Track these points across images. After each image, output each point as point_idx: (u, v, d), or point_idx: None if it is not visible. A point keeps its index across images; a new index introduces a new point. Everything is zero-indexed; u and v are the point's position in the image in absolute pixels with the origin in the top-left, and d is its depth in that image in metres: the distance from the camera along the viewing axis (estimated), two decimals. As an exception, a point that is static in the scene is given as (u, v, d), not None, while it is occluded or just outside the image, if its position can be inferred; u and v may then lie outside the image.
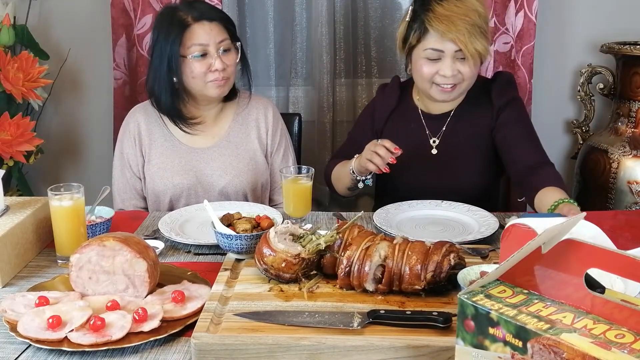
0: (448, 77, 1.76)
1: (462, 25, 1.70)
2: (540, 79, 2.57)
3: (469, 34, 1.70)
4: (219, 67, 1.80)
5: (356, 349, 1.01)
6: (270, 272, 1.24)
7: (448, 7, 1.72)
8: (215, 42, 1.80)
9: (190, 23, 1.79)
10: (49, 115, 2.71)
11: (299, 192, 1.62)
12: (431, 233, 1.61)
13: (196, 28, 1.79)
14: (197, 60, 1.80)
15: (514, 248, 0.81)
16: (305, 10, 2.67)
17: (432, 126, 1.91)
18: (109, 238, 1.23)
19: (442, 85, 1.79)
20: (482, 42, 1.73)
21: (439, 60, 1.76)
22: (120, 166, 1.96)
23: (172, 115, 1.88)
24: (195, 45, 1.79)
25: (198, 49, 1.79)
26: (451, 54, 1.74)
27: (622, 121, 2.43)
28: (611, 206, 2.37)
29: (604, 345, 0.70)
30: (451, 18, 1.70)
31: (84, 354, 1.08)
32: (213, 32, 1.80)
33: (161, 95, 1.85)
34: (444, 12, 1.71)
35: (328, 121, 2.65)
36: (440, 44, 1.74)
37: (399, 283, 1.19)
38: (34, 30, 2.52)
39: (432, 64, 1.77)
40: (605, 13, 2.57)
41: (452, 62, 1.75)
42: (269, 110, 2.01)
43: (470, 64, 1.75)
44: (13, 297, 1.22)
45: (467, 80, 1.79)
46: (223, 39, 1.82)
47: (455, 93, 1.82)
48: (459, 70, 1.76)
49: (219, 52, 1.80)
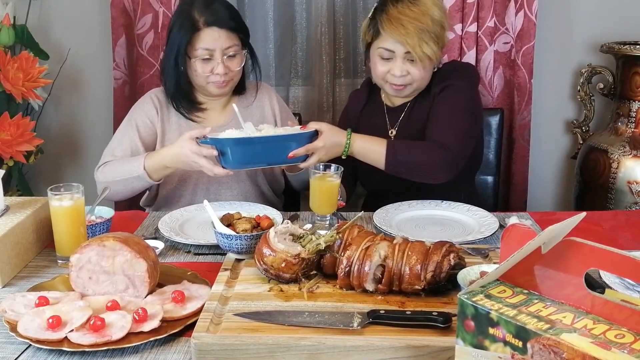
0: (397, 77, 1.81)
1: (412, 29, 1.74)
2: (540, 79, 2.57)
3: (418, 38, 1.74)
4: (221, 71, 1.82)
5: (356, 349, 1.01)
6: (270, 272, 1.24)
7: (402, 10, 1.76)
8: (221, 48, 1.81)
9: (201, 27, 1.80)
10: (49, 115, 2.71)
11: (326, 189, 1.62)
12: (431, 233, 1.61)
13: (206, 33, 1.80)
14: (201, 62, 1.82)
15: (514, 248, 0.81)
16: (305, 10, 2.67)
17: (391, 118, 1.96)
18: (109, 238, 1.23)
19: (392, 83, 1.84)
20: (432, 46, 1.76)
21: (391, 60, 1.81)
22: (124, 129, 1.94)
23: (175, 99, 1.92)
24: (201, 49, 1.81)
25: (204, 53, 1.81)
26: (401, 55, 1.79)
27: (622, 121, 2.43)
28: (611, 206, 2.37)
29: (604, 345, 0.70)
30: (402, 21, 1.75)
31: (84, 354, 1.08)
32: (221, 38, 1.81)
33: (168, 79, 1.89)
34: (397, 14, 1.76)
35: (328, 121, 2.64)
36: (391, 44, 1.79)
37: (399, 283, 1.19)
38: (34, 30, 2.52)
39: (385, 63, 1.82)
40: (605, 13, 2.57)
41: (402, 63, 1.80)
42: (272, 94, 2.06)
43: (419, 67, 1.80)
44: (13, 297, 1.22)
45: (417, 82, 1.84)
46: (230, 46, 1.83)
47: (406, 91, 1.88)
48: (409, 71, 1.81)
49: (224, 57, 1.82)
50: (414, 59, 1.78)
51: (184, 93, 1.91)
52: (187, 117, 1.93)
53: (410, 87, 1.85)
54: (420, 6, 1.77)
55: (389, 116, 1.97)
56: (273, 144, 1.64)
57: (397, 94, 1.89)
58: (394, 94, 1.90)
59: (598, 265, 0.78)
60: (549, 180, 2.77)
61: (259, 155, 1.65)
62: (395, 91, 1.87)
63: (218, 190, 1.93)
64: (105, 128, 2.62)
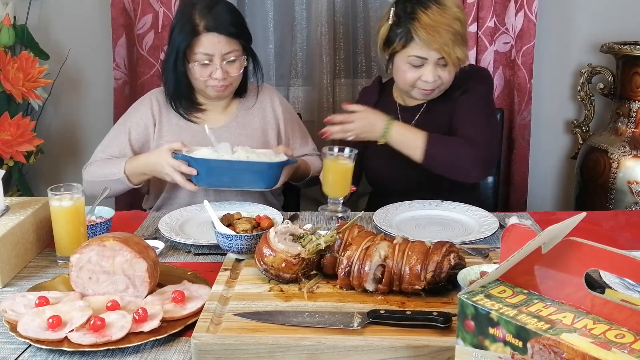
0: (430, 82, 1.81)
1: (446, 35, 1.74)
2: (540, 79, 2.57)
3: (453, 43, 1.75)
4: (219, 76, 1.82)
5: (356, 349, 1.01)
6: (270, 272, 1.24)
7: (433, 17, 1.75)
8: (221, 54, 1.80)
9: (201, 32, 1.79)
10: (49, 115, 2.71)
11: (339, 172, 1.63)
12: (431, 233, 1.61)
13: (205, 38, 1.79)
14: (199, 66, 1.82)
15: (514, 248, 0.81)
16: (305, 10, 2.67)
17: (405, 118, 1.94)
18: (109, 238, 1.23)
19: (423, 89, 1.84)
20: (462, 49, 1.79)
21: (422, 66, 1.80)
22: (116, 131, 1.96)
23: (174, 100, 1.92)
24: (201, 53, 1.80)
25: (203, 58, 1.80)
26: (434, 61, 1.79)
27: (622, 121, 2.43)
28: (611, 206, 2.37)
29: (604, 345, 0.70)
30: (436, 28, 1.74)
31: (84, 354, 1.08)
32: (221, 44, 1.80)
33: (168, 80, 1.89)
34: (429, 21, 1.75)
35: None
36: (425, 52, 1.77)
37: (399, 283, 1.19)
38: (34, 30, 2.52)
39: (415, 70, 1.81)
40: (605, 13, 2.57)
41: (434, 69, 1.80)
42: (275, 96, 2.05)
43: (450, 69, 1.81)
44: (13, 297, 1.22)
45: (445, 84, 1.86)
46: (230, 51, 1.82)
47: (434, 94, 1.88)
48: (440, 76, 1.81)
49: (223, 62, 1.81)
50: (446, 64, 1.78)
51: (183, 94, 1.91)
52: (187, 118, 1.93)
53: (437, 90, 1.86)
54: (448, 10, 1.76)
55: (402, 115, 1.95)
56: (241, 169, 1.69)
57: (426, 97, 1.89)
58: (423, 98, 1.89)
59: (598, 265, 0.78)
60: (549, 180, 2.77)
61: (226, 178, 1.71)
62: (425, 95, 1.87)
63: (218, 191, 1.92)
64: (105, 128, 2.60)
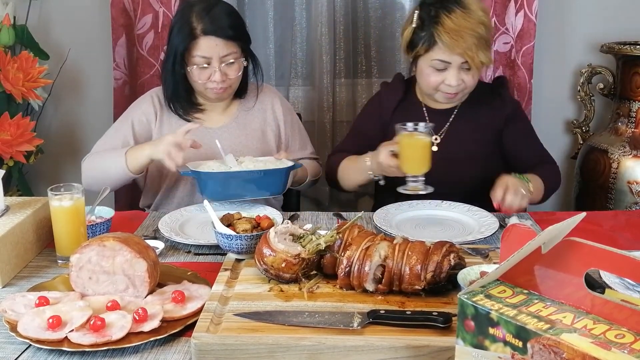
0: (453, 86, 1.80)
1: (470, 40, 1.73)
2: (540, 79, 2.57)
3: (476, 47, 1.74)
4: (218, 79, 1.81)
5: (356, 349, 1.01)
6: (270, 272, 1.24)
7: (457, 21, 1.73)
8: (219, 56, 1.80)
9: (198, 35, 1.78)
10: (49, 115, 2.71)
11: (416, 147, 1.61)
12: (431, 233, 1.61)
13: (203, 41, 1.78)
14: (198, 69, 1.81)
15: (514, 248, 0.81)
16: (305, 10, 2.67)
17: (435, 121, 1.91)
18: (109, 238, 1.23)
19: (446, 92, 1.83)
20: (486, 53, 1.78)
21: (445, 70, 1.79)
22: (119, 124, 1.95)
23: (172, 101, 1.91)
24: (198, 56, 1.79)
25: (201, 61, 1.80)
26: (458, 65, 1.77)
27: (622, 121, 2.43)
28: (611, 206, 2.37)
29: (604, 345, 0.70)
30: (460, 32, 1.73)
31: (84, 354, 1.08)
32: (219, 47, 1.79)
33: (166, 81, 1.89)
34: (453, 26, 1.73)
35: (328, 121, 2.65)
36: (448, 56, 1.76)
37: (399, 283, 1.19)
38: (34, 30, 2.52)
39: (439, 74, 1.80)
40: (605, 13, 2.57)
41: (457, 73, 1.79)
42: (275, 97, 2.04)
43: (474, 73, 1.81)
44: (13, 297, 1.22)
45: (469, 88, 1.85)
46: (228, 54, 1.81)
47: (457, 98, 1.88)
48: (463, 80, 1.80)
49: (221, 65, 1.81)
50: (470, 68, 1.77)
51: (182, 96, 1.90)
52: (186, 119, 1.92)
53: (461, 94, 1.86)
54: (472, 14, 1.75)
55: (431, 118, 1.92)
56: (252, 178, 1.69)
57: (449, 101, 1.89)
58: (446, 101, 1.89)
59: (598, 265, 0.78)
60: (549, 180, 2.77)
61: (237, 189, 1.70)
62: (448, 99, 1.87)
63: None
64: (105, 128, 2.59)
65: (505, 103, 1.94)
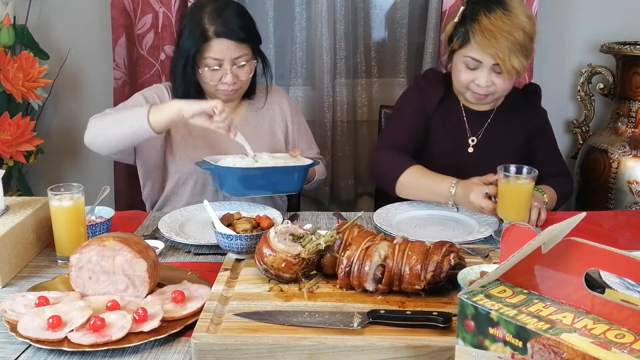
0: (482, 87, 1.77)
1: (503, 42, 1.69)
2: (540, 79, 2.56)
3: (509, 51, 1.69)
4: (229, 81, 1.79)
5: (356, 349, 1.01)
6: (270, 272, 1.24)
7: (494, 22, 1.71)
8: (230, 58, 1.78)
9: (210, 37, 1.76)
10: (49, 115, 2.71)
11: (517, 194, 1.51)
12: (431, 233, 1.61)
13: (215, 43, 1.76)
14: (209, 71, 1.79)
15: (514, 248, 0.81)
16: (305, 10, 2.67)
17: (472, 123, 1.91)
18: (109, 238, 1.23)
19: (476, 92, 1.81)
20: (521, 59, 1.72)
21: (477, 69, 1.77)
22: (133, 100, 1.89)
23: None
24: (210, 58, 1.78)
25: (213, 63, 1.78)
26: (489, 66, 1.74)
27: (622, 121, 2.43)
28: (611, 206, 2.37)
29: (604, 345, 0.70)
30: (494, 33, 1.70)
31: (84, 354, 1.08)
32: (230, 49, 1.77)
33: (177, 82, 1.86)
34: (489, 26, 1.71)
35: (328, 121, 2.65)
36: (480, 55, 1.74)
37: (399, 283, 1.19)
38: (34, 30, 2.52)
39: (470, 72, 1.78)
40: (605, 13, 2.57)
41: (488, 74, 1.75)
42: (283, 98, 2.04)
43: (505, 78, 1.76)
44: (13, 297, 1.22)
45: (499, 92, 1.81)
46: (240, 56, 1.79)
47: (487, 100, 1.84)
48: (494, 82, 1.77)
49: (233, 67, 1.79)
50: (501, 71, 1.73)
51: (193, 96, 1.85)
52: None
53: (491, 97, 1.82)
54: (513, 18, 1.70)
55: (469, 119, 1.92)
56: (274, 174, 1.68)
57: (478, 102, 1.86)
58: (474, 101, 1.86)
59: (598, 265, 0.78)
60: (549, 180, 2.77)
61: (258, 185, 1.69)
62: (477, 99, 1.84)
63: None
64: (105, 128, 2.62)
65: (537, 112, 1.95)
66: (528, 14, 1.75)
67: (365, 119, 2.72)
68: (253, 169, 1.67)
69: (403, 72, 2.71)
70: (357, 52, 2.70)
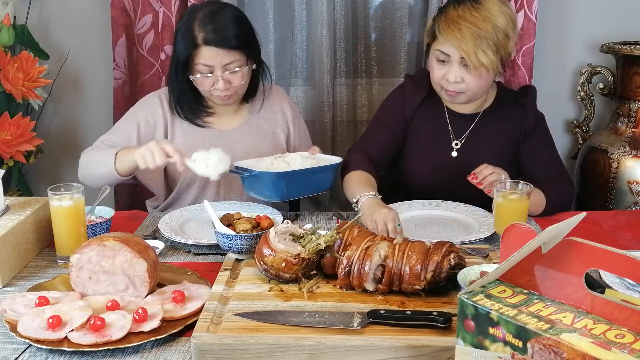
0: (451, 82, 1.74)
1: (467, 34, 1.66)
2: (540, 79, 2.57)
3: (474, 44, 1.65)
4: (221, 87, 1.76)
5: (356, 349, 1.01)
6: (270, 272, 1.24)
7: (460, 13, 1.68)
8: (221, 65, 1.74)
9: (200, 44, 1.73)
10: (49, 115, 2.71)
11: (512, 209, 1.49)
12: (431, 233, 1.61)
13: (204, 50, 1.73)
14: (201, 77, 1.77)
15: (514, 248, 0.81)
16: (305, 10, 2.67)
17: (456, 126, 1.88)
18: (109, 238, 1.23)
19: (447, 89, 1.77)
20: (489, 55, 1.67)
21: (447, 64, 1.74)
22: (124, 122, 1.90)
23: (179, 105, 1.87)
24: (201, 64, 1.75)
25: (204, 69, 1.75)
26: (457, 60, 1.71)
27: (622, 121, 2.43)
28: (611, 206, 2.37)
29: (604, 345, 0.70)
30: (459, 25, 1.67)
31: (84, 354, 1.08)
32: (220, 55, 1.73)
33: (172, 86, 1.85)
34: (455, 17, 1.68)
35: (328, 121, 2.65)
36: (447, 48, 1.71)
37: (399, 283, 1.19)
38: (34, 30, 2.52)
39: (441, 67, 1.75)
40: (605, 13, 2.57)
41: (457, 68, 1.72)
42: (284, 99, 2.03)
43: (475, 74, 1.71)
44: (13, 297, 1.22)
45: (471, 90, 1.75)
46: (231, 62, 1.76)
47: (460, 99, 1.79)
48: (463, 78, 1.73)
49: (225, 73, 1.76)
50: (469, 65, 1.69)
51: (191, 100, 1.86)
52: (196, 123, 1.88)
53: (463, 96, 1.77)
54: (483, 11, 1.67)
55: (453, 121, 1.88)
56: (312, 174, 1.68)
57: (452, 100, 1.81)
58: (449, 99, 1.82)
59: (598, 265, 0.78)
60: (549, 180, 2.77)
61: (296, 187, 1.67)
62: (449, 97, 1.79)
63: (221, 190, 1.92)
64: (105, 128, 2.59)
65: (527, 115, 1.86)
66: (503, 10, 1.70)
67: (365, 119, 2.71)
68: (299, 172, 1.66)
69: (403, 72, 2.71)
70: (357, 52, 2.70)
